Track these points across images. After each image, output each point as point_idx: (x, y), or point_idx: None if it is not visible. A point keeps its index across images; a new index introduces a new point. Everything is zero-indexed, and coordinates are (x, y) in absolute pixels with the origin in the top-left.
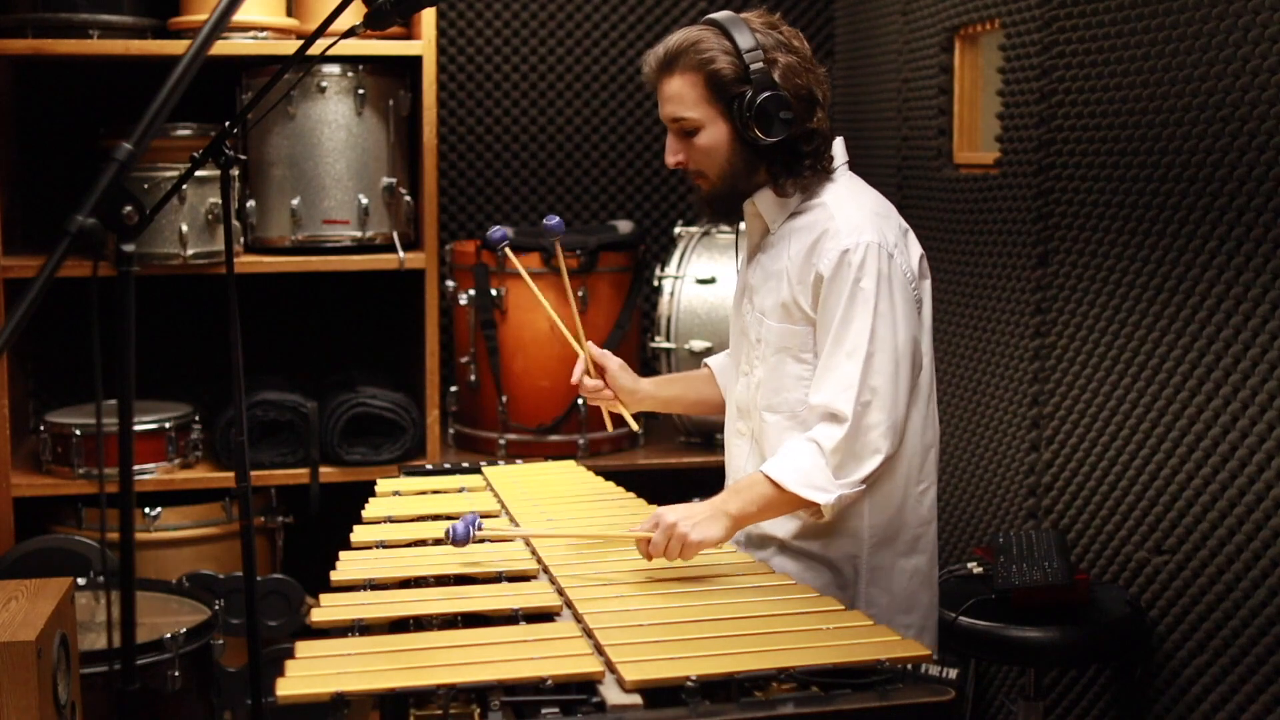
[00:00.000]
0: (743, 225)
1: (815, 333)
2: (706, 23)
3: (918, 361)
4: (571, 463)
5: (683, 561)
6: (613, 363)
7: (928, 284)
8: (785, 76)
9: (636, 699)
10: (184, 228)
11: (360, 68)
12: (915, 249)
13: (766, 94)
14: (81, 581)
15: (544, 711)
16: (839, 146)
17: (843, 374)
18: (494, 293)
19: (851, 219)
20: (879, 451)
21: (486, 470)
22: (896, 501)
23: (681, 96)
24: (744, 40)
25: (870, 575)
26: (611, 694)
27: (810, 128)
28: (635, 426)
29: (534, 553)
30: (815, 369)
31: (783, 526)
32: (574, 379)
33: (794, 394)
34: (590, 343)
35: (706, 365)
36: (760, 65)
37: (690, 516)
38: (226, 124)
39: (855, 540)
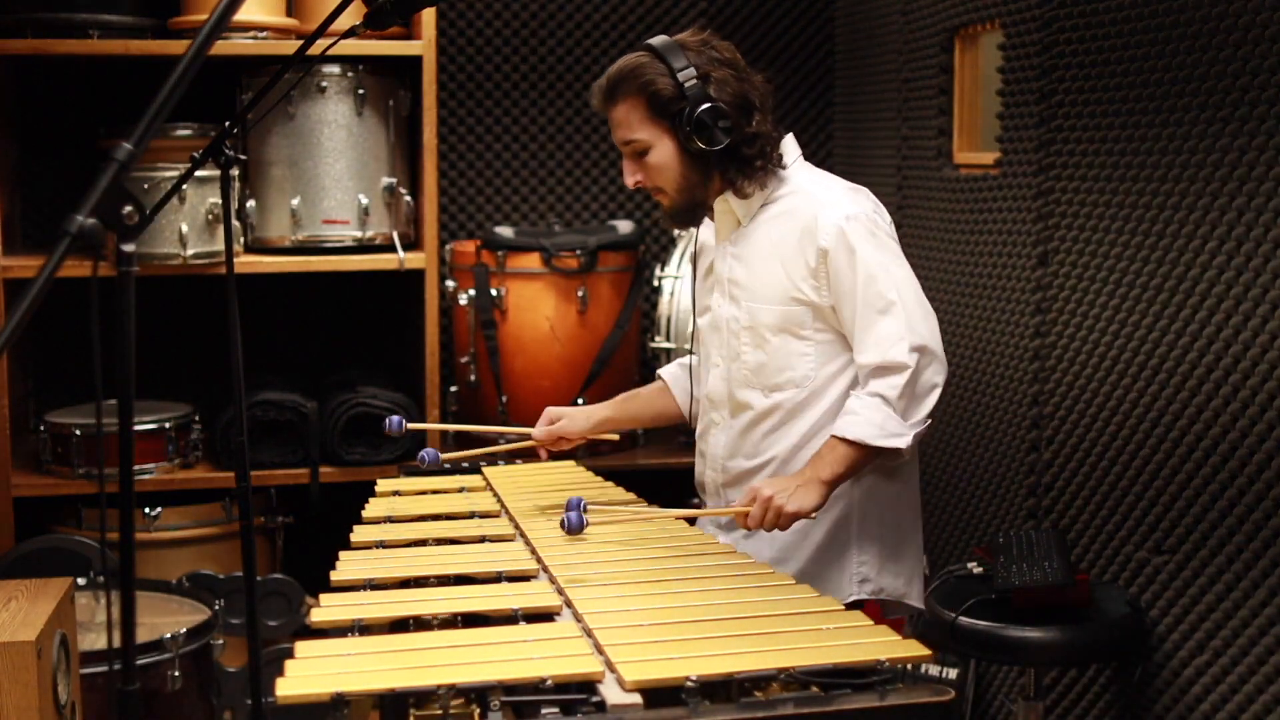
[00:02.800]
0: (699, 227)
1: (829, 306)
2: (643, 49)
3: None
4: (571, 463)
5: (780, 531)
6: (558, 425)
7: None
8: (719, 88)
9: (636, 699)
10: (184, 228)
11: (360, 68)
12: (887, 219)
13: (703, 106)
14: (81, 581)
15: (544, 711)
16: (790, 143)
17: (884, 330)
18: (494, 293)
19: (833, 197)
20: (936, 386)
21: (486, 470)
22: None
23: (627, 120)
24: (677, 61)
25: (860, 528)
26: (611, 694)
27: (750, 132)
28: (614, 437)
29: (534, 553)
30: (816, 344)
31: None
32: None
33: (799, 369)
34: (533, 429)
35: (660, 377)
36: (694, 81)
37: (785, 489)
38: (226, 124)
39: (846, 496)
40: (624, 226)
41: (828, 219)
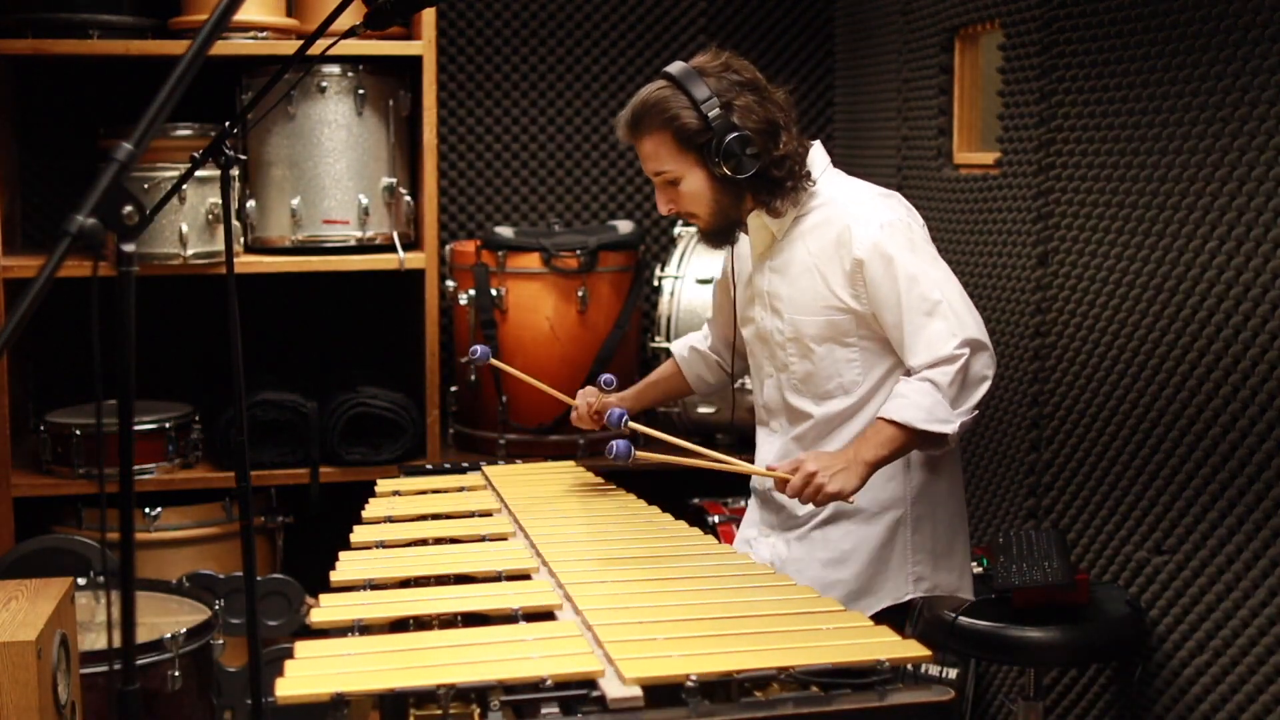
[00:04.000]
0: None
1: (869, 314)
2: (663, 78)
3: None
4: (571, 463)
5: (814, 507)
6: (597, 404)
7: None
8: (743, 115)
9: (637, 698)
10: (184, 228)
11: (360, 68)
12: (920, 222)
13: (730, 136)
14: (81, 581)
15: (544, 711)
16: (818, 152)
17: (932, 330)
18: (494, 293)
19: (866, 206)
20: (986, 379)
21: (486, 470)
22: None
23: (656, 154)
24: (699, 91)
25: (915, 524)
26: (612, 693)
27: (778, 154)
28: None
29: (534, 552)
30: (861, 350)
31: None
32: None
33: (848, 376)
34: (581, 395)
35: (671, 357)
36: (718, 111)
37: (829, 467)
38: (226, 124)
39: (900, 492)
40: (624, 226)
41: (861, 229)
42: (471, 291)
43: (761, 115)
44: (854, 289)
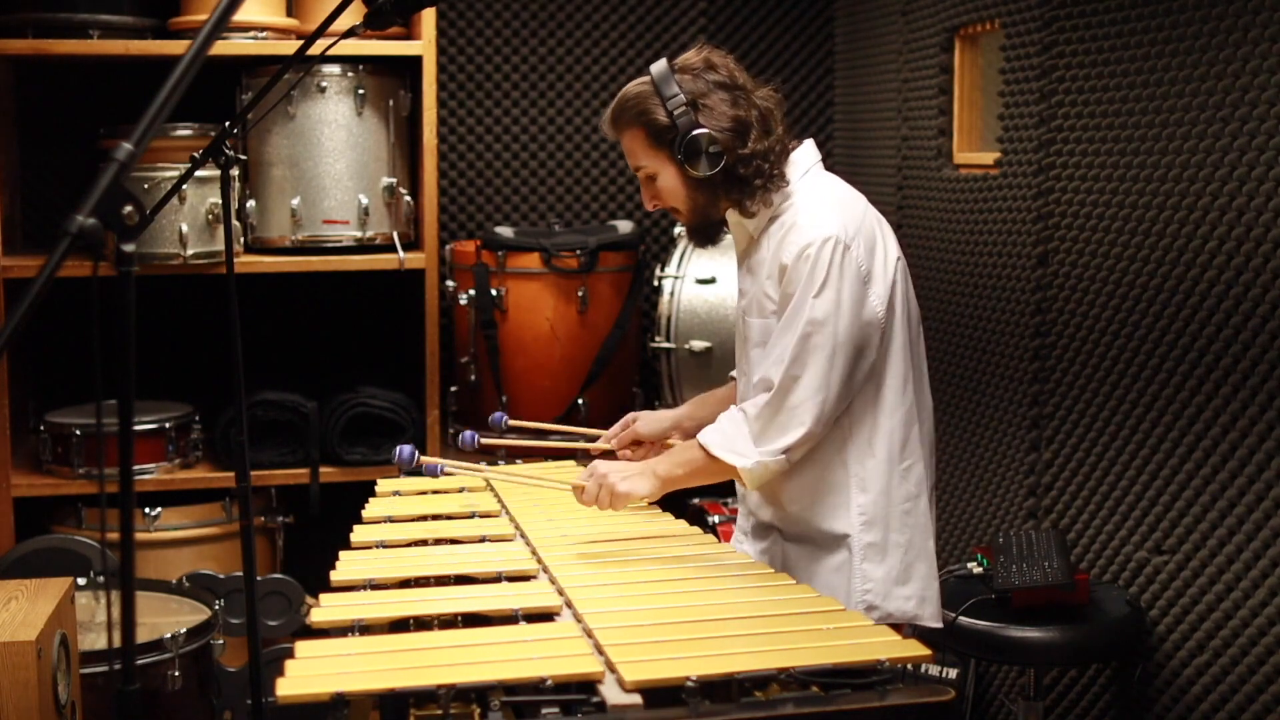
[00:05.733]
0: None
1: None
2: (645, 75)
3: (866, 352)
4: (571, 463)
5: (613, 511)
6: (637, 427)
7: (902, 264)
8: (709, 114)
9: (636, 699)
10: (184, 228)
11: (360, 68)
12: (888, 237)
13: (692, 134)
14: (81, 581)
15: (544, 711)
16: (805, 152)
17: (780, 349)
18: (494, 293)
19: (816, 214)
20: (803, 425)
21: (487, 470)
22: (881, 480)
23: (632, 149)
24: (668, 89)
25: (864, 552)
26: (611, 694)
27: (744, 154)
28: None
29: (534, 553)
30: None
31: (777, 514)
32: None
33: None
34: (613, 432)
35: (732, 378)
36: (683, 109)
37: (621, 471)
38: (226, 124)
39: (846, 520)
40: (624, 226)
41: (798, 237)
42: (471, 291)
43: (730, 115)
44: (780, 290)
